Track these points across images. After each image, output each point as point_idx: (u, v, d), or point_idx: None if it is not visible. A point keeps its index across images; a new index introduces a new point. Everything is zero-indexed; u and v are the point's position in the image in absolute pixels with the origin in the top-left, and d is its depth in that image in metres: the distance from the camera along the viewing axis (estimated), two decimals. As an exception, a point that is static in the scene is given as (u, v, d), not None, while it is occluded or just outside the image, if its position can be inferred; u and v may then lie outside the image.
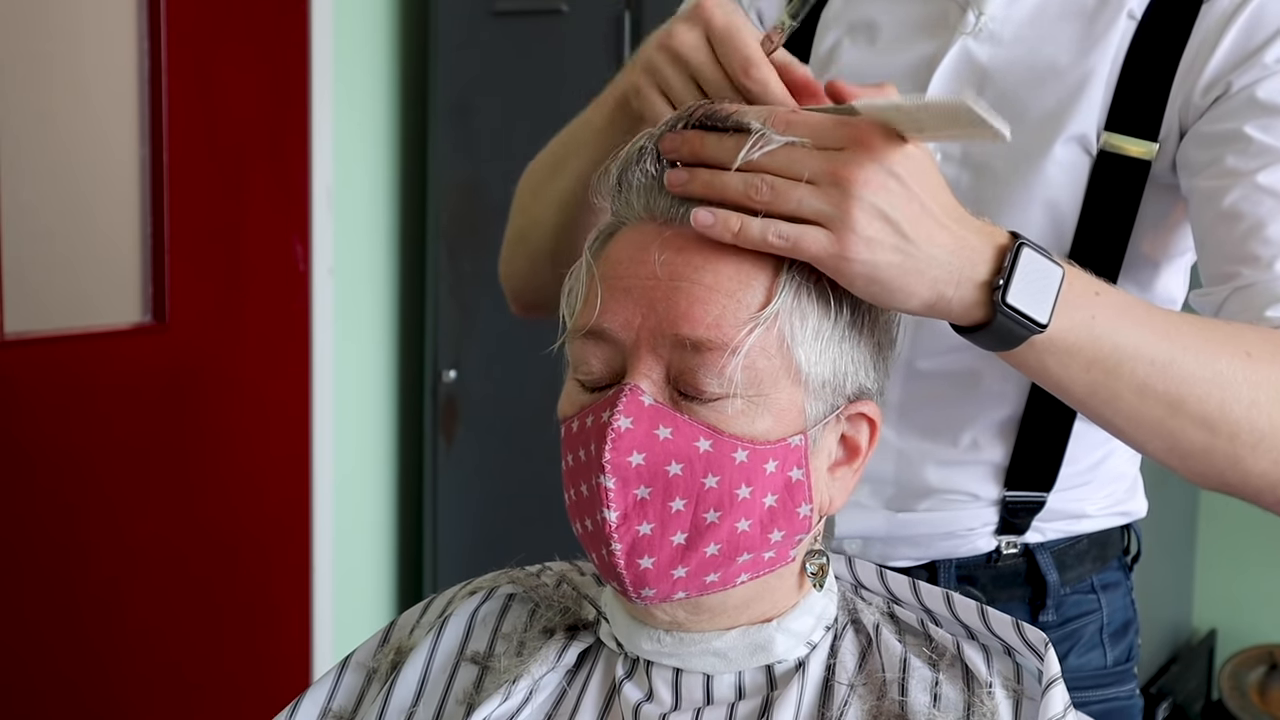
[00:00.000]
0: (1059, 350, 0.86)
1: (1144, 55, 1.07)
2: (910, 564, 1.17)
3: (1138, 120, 1.07)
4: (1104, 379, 0.88)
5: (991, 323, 0.84)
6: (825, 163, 0.81)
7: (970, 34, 1.11)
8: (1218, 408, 0.89)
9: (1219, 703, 3.15)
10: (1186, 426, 0.90)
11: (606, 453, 0.82)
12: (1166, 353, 0.88)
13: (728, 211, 0.83)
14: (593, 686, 0.93)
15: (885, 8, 1.17)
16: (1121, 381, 0.88)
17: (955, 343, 0.89)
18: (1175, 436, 0.90)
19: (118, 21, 2.38)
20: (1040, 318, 0.84)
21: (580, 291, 0.89)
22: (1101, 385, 0.88)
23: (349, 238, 2.76)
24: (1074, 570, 1.20)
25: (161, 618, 2.47)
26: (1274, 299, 0.99)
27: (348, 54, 2.71)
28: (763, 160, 0.82)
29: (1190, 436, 0.90)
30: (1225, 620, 3.22)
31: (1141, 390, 0.88)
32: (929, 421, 1.16)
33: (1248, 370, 0.90)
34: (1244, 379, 0.90)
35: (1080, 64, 1.08)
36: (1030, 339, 0.85)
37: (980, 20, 1.11)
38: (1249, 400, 0.90)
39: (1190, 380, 0.89)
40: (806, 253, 0.82)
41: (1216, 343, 0.91)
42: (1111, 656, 1.23)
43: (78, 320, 2.36)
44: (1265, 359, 0.91)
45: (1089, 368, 0.87)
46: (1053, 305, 0.85)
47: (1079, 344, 0.86)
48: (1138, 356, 0.88)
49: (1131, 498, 1.24)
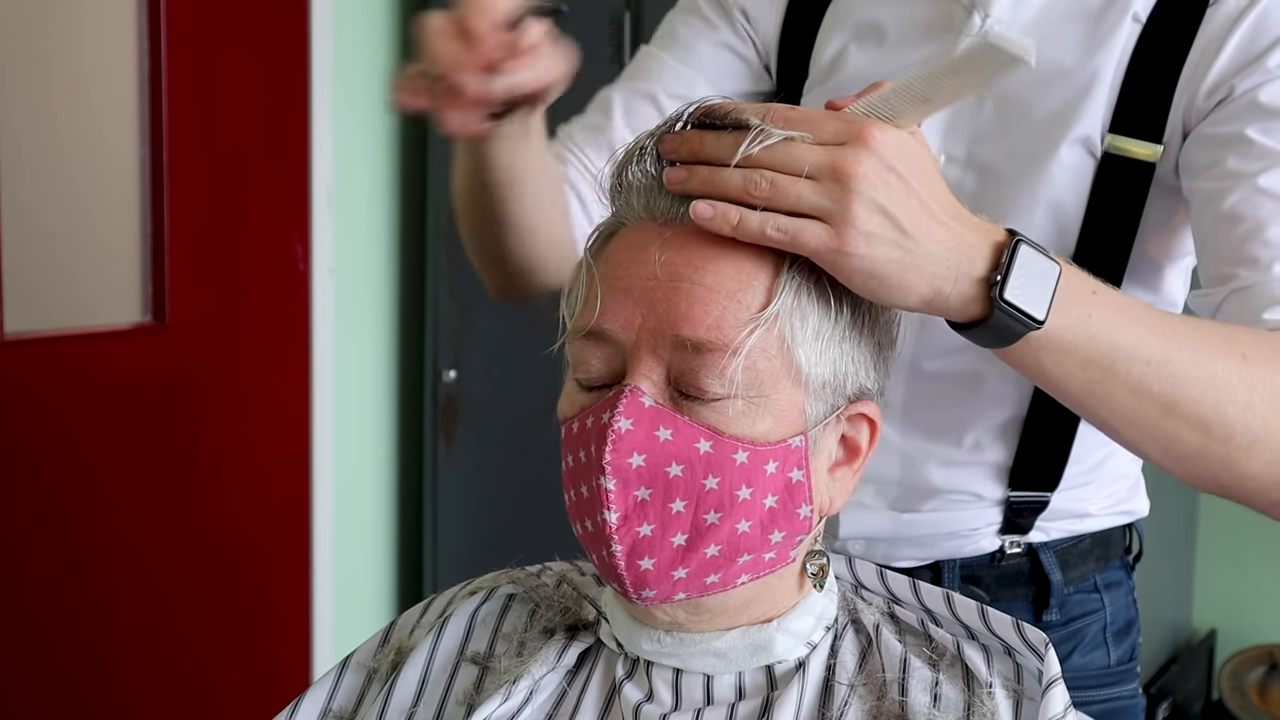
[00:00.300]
0: (1056, 348, 0.86)
1: (1148, 58, 1.07)
2: (914, 564, 1.18)
3: (1142, 122, 1.08)
4: (1100, 378, 0.88)
5: (989, 319, 0.84)
6: (825, 157, 0.81)
7: (976, 36, 1.11)
8: (1213, 409, 0.89)
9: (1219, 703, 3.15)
10: (1181, 428, 0.90)
11: (607, 454, 0.82)
12: (1162, 353, 0.88)
13: (727, 205, 0.83)
14: (593, 687, 0.93)
15: (889, 9, 1.17)
16: (1117, 381, 0.88)
17: (957, 344, 0.89)
18: (1170, 438, 0.90)
19: (118, 21, 2.38)
20: (1037, 314, 0.84)
21: (580, 292, 0.89)
22: (1097, 384, 0.88)
23: (349, 238, 2.76)
24: (1077, 569, 1.20)
25: (161, 617, 2.47)
26: (1272, 301, 0.99)
27: (348, 54, 2.71)
28: (761, 156, 0.82)
29: (1185, 438, 0.90)
30: (1225, 620, 3.22)
31: (1137, 390, 0.88)
32: (933, 423, 1.16)
33: (1243, 372, 0.90)
34: (1239, 381, 0.90)
35: (1085, 66, 1.09)
36: (1027, 336, 0.85)
37: (986, 22, 1.11)
38: (1244, 402, 0.90)
39: (1185, 381, 0.89)
40: (805, 247, 0.82)
41: (1212, 344, 0.91)
42: (1114, 656, 1.23)
43: (78, 320, 2.36)
44: (1261, 361, 0.91)
45: (1085, 366, 0.87)
46: (1050, 301, 0.85)
47: (1075, 342, 0.86)
48: (1134, 356, 0.88)
49: (1134, 497, 1.24)
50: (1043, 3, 1.11)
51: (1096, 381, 0.88)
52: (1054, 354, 0.87)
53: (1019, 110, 1.10)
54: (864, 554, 1.17)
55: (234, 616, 2.59)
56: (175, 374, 2.47)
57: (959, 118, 1.12)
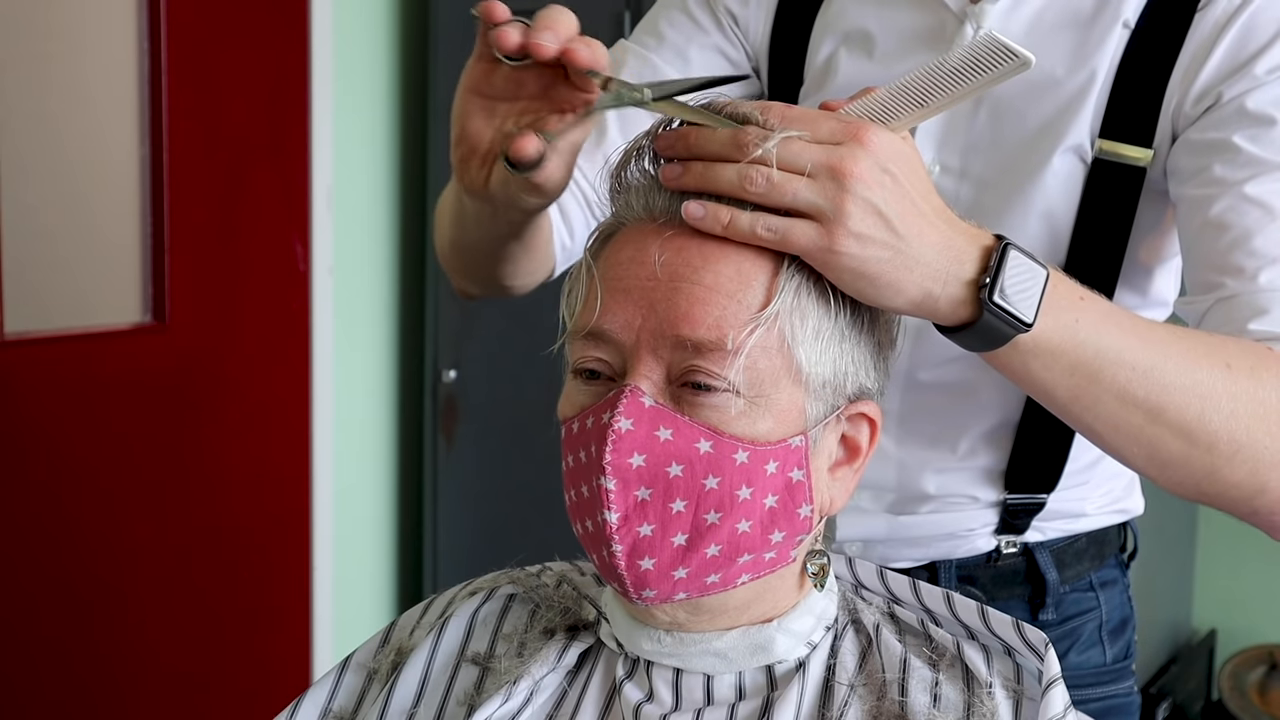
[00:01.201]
0: (1043, 352, 0.87)
1: (1138, 63, 1.07)
2: (911, 564, 1.18)
3: (1133, 127, 1.08)
4: (1086, 384, 0.88)
5: (978, 321, 0.84)
6: (822, 155, 0.81)
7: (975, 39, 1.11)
8: (1197, 417, 0.90)
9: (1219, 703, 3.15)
10: (1165, 435, 0.90)
11: (607, 454, 0.82)
12: (1148, 360, 0.89)
13: (718, 204, 0.83)
14: (593, 687, 0.93)
15: (879, 17, 1.17)
16: (1103, 387, 0.88)
17: (951, 354, 0.89)
18: (1154, 445, 0.91)
19: (118, 21, 2.38)
20: (1026, 316, 0.85)
21: (580, 292, 0.89)
22: (1084, 390, 0.88)
23: (349, 238, 2.76)
24: (1073, 568, 1.21)
25: (161, 617, 2.47)
26: (1257, 311, 0.99)
27: (348, 54, 2.71)
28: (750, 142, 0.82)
29: (1169, 445, 0.91)
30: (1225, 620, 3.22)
31: (1122, 396, 0.89)
32: (927, 431, 1.16)
33: (1227, 382, 0.91)
34: (1223, 390, 0.90)
35: (1077, 74, 1.09)
36: (1015, 340, 0.85)
37: (978, 33, 1.11)
38: (1228, 411, 0.90)
39: (1171, 389, 0.89)
40: (794, 245, 0.82)
41: (1198, 354, 0.91)
42: (1110, 654, 1.23)
43: (78, 320, 2.36)
44: (1244, 371, 0.92)
45: (1072, 371, 0.88)
46: (1038, 304, 0.85)
47: (1063, 346, 0.87)
48: (1120, 362, 0.88)
49: (1129, 495, 1.25)
50: (1034, 12, 1.11)
51: (1083, 387, 0.88)
52: (1041, 358, 0.87)
53: (1011, 120, 1.11)
54: (861, 555, 1.17)
55: (234, 616, 2.59)
56: (175, 374, 2.47)
57: (953, 128, 1.13)
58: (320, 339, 2.68)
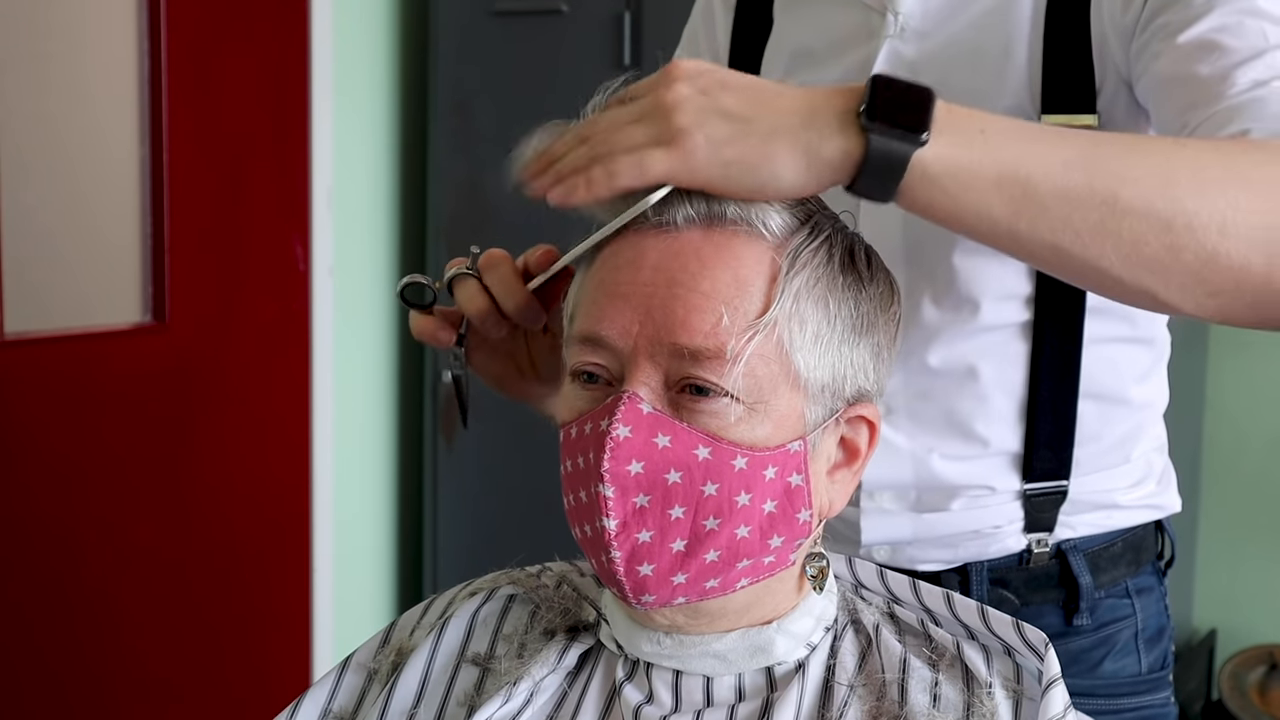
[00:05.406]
0: (960, 170, 0.81)
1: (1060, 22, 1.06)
2: (942, 567, 1.16)
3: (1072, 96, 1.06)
4: (1021, 195, 0.81)
5: (869, 153, 0.80)
6: (644, 100, 0.84)
7: (895, 36, 1.12)
8: (1159, 193, 0.81)
9: (1219, 703, 3.15)
10: (1135, 224, 0.81)
11: (605, 461, 0.82)
12: (1079, 150, 0.82)
13: (573, 179, 0.85)
14: (593, 688, 0.93)
15: (814, 31, 1.18)
16: (1041, 191, 0.81)
17: (950, 334, 0.88)
18: (1130, 241, 0.82)
19: (118, 21, 2.38)
20: (917, 130, 0.80)
21: (578, 296, 0.89)
22: (1022, 204, 0.81)
23: (349, 238, 2.76)
24: (1108, 573, 1.18)
25: (161, 617, 2.47)
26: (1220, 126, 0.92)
27: (348, 54, 2.71)
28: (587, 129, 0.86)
29: (1144, 237, 0.81)
30: (1225, 620, 3.22)
31: (1066, 194, 0.81)
32: (936, 420, 1.15)
33: (1183, 152, 0.83)
34: (1181, 160, 0.82)
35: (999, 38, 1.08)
36: (924, 166, 0.80)
37: (899, 20, 1.11)
38: (1194, 181, 0.81)
39: (1117, 172, 0.81)
40: (652, 172, 0.83)
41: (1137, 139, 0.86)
42: (1146, 663, 1.21)
43: (78, 320, 2.36)
44: (1198, 144, 0.86)
45: (999, 184, 0.81)
46: (929, 116, 0.80)
47: (978, 161, 0.81)
48: (1049, 158, 0.81)
49: (1164, 491, 1.22)
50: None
51: (1019, 200, 0.81)
52: (960, 178, 0.81)
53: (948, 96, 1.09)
54: (889, 560, 1.15)
55: (234, 616, 2.59)
56: (175, 374, 2.47)
57: None
58: (320, 339, 2.68)
